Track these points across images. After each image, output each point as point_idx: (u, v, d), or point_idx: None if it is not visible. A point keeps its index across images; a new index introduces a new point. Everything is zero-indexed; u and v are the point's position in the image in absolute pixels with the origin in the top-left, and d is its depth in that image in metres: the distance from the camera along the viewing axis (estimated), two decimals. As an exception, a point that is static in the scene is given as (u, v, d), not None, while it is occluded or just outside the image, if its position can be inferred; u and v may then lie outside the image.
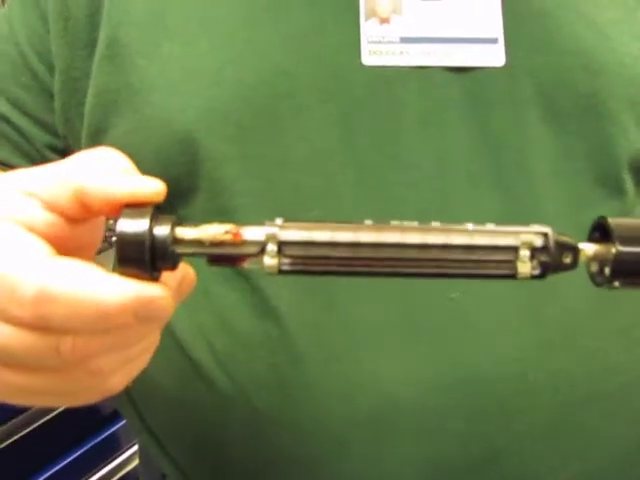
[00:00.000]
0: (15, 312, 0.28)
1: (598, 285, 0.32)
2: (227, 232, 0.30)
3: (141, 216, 0.29)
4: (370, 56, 0.45)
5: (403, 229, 0.30)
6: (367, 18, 0.46)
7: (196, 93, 0.46)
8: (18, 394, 0.32)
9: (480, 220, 0.45)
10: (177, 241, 0.29)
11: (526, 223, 0.45)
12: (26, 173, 0.32)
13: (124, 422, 1.14)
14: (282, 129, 0.45)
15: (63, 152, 0.56)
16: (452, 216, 0.45)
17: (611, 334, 0.48)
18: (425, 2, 0.46)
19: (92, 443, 1.12)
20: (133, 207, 0.29)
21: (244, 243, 0.30)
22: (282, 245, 0.30)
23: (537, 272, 0.30)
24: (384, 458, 0.46)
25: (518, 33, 0.46)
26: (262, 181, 0.46)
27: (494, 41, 0.46)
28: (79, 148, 0.53)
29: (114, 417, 1.15)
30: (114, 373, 0.31)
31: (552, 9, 0.47)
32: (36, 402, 0.33)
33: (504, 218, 0.45)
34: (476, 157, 0.46)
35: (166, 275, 0.30)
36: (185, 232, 0.29)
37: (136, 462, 1.15)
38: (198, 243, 0.30)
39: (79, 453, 1.10)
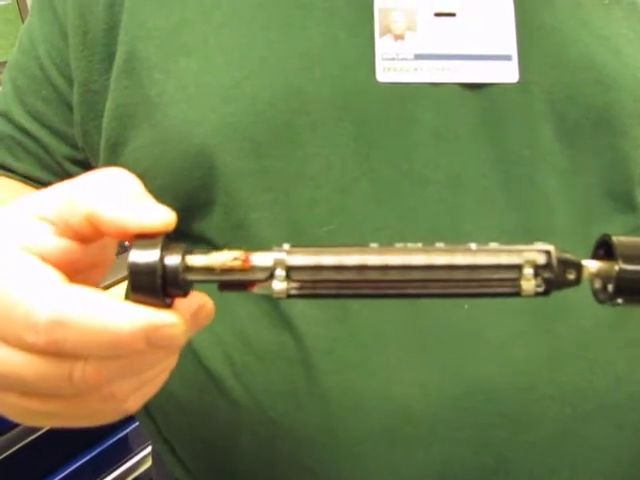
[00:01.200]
0: (29, 338, 0.29)
1: (601, 302, 0.32)
2: (236, 259, 0.30)
3: (152, 246, 0.29)
4: (384, 73, 0.46)
5: (408, 251, 0.30)
6: (382, 35, 0.46)
7: (212, 108, 0.46)
8: (34, 418, 0.33)
9: (493, 234, 0.46)
10: (188, 269, 0.30)
11: (538, 237, 0.46)
12: (38, 197, 0.32)
13: (137, 424, 1.14)
14: (297, 144, 0.46)
15: (83, 164, 0.57)
16: (465, 230, 0.46)
17: (619, 347, 0.48)
18: (439, 19, 0.47)
19: (105, 445, 1.13)
20: (144, 236, 0.30)
21: (253, 269, 0.30)
22: (290, 270, 0.30)
23: (541, 289, 0.31)
24: (396, 468, 0.47)
25: (531, 49, 0.47)
26: (278, 195, 0.46)
27: (508, 58, 0.47)
28: (97, 161, 0.54)
29: (127, 419, 1.15)
30: (128, 397, 0.32)
31: (565, 24, 0.47)
32: (52, 424, 0.34)
33: (516, 232, 0.46)
34: (489, 172, 0.46)
35: (181, 304, 0.31)
36: (195, 260, 0.30)
37: (149, 464, 1.15)
38: (208, 270, 0.30)
39: (92, 455, 1.10)
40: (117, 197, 0.31)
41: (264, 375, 0.48)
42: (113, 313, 0.29)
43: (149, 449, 1.16)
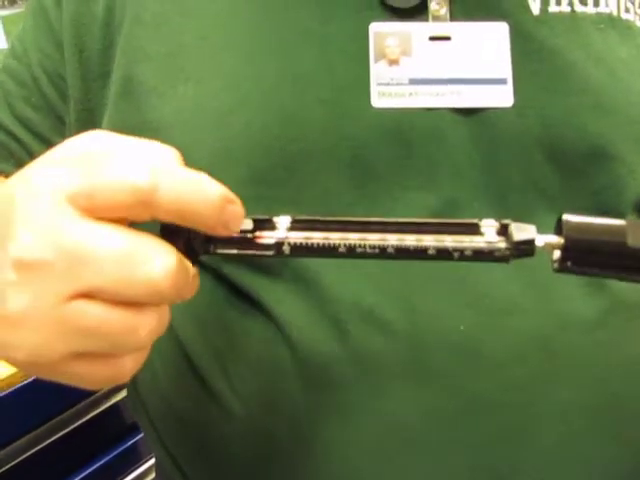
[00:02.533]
0: (131, 179, 0.31)
1: (557, 271, 0.36)
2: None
3: None
4: (379, 98, 0.46)
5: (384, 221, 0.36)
6: (376, 60, 0.47)
7: (208, 133, 0.47)
8: (68, 343, 0.32)
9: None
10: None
11: (530, 261, 0.46)
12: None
13: (142, 435, 1.15)
14: (292, 171, 0.46)
15: None
16: None
17: (617, 364, 0.48)
18: (434, 43, 0.47)
19: (110, 455, 1.13)
20: None
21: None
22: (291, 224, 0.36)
23: (503, 244, 0.35)
24: None
25: (527, 72, 0.47)
26: None
27: (503, 82, 0.47)
28: None
29: (133, 429, 1.16)
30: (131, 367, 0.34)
31: (561, 48, 0.47)
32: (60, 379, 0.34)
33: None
34: (482, 197, 0.46)
35: None
36: None
37: (153, 475, 1.16)
38: None
39: (97, 465, 1.11)
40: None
41: (261, 389, 0.48)
42: (205, 177, 0.32)
43: (154, 460, 1.16)
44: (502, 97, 0.46)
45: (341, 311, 0.46)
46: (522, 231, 0.35)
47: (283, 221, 0.36)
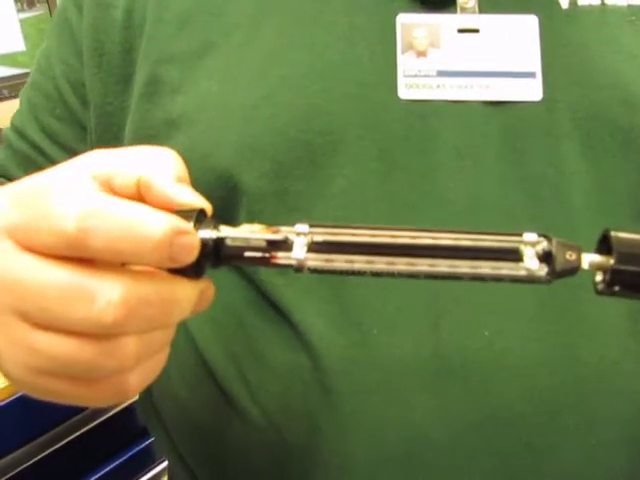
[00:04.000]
0: (59, 223, 0.29)
1: (599, 293, 0.33)
2: (267, 228, 0.33)
3: (187, 219, 0.31)
4: (407, 90, 0.45)
5: (415, 233, 0.32)
6: (404, 51, 0.46)
7: (232, 129, 0.46)
8: (41, 378, 0.32)
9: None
10: (221, 241, 0.32)
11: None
12: (101, 155, 0.34)
13: (153, 439, 1.14)
14: (318, 164, 0.45)
15: None
16: None
17: None
18: (463, 35, 0.46)
19: (121, 460, 1.13)
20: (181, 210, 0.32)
21: (280, 235, 0.32)
22: (311, 243, 0.32)
23: (543, 272, 0.32)
24: None
25: (556, 66, 0.46)
26: (301, 215, 0.46)
27: (532, 75, 0.46)
28: None
29: (143, 434, 1.16)
30: (137, 367, 0.32)
31: (591, 42, 0.47)
32: (58, 390, 0.33)
33: None
34: (511, 192, 0.45)
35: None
36: (228, 231, 0.32)
37: (166, 478, 1.15)
38: (238, 243, 0.32)
39: (108, 469, 1.10)
40: (170, 172, 0.33)
41: (279, 396, 0.47)
42: (145, 211, 0.29)
43: (165, 464, 1.15)
44: (531, 91, 0.46)
45: (364, 316, 0.45)
46: (565, 252, 0.32)
47: (299, 242, 0.32)
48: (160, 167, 0.33)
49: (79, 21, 0.54)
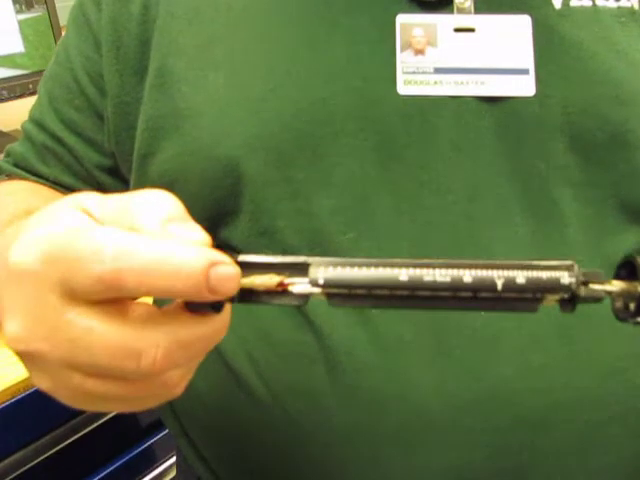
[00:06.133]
0: (95, 269, 0.29)
1: (622, 320, 0.33)
2: (278, 284, 0.32)
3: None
4: (405, 86, 0.47)
5: (434, 269, 0.31)
6: (403, 49, 0.48)
7: (239, 120, 0.48)
8: (91, 401, 0.33)
9: (509, 244, 0.47)
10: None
11: (552, 249, 0.46)
12: (89, 197, 0.33)
13: (161, 435, 1.15)
14: (320, 154, 0.47)
15: (111, 171, 0.60)
16: (482, 241, 0.47)
17: (638, 354, 0.49)
18: (459, 34, 0.48)
19: (129, 456, 1.13)
20: None
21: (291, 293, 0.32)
22: (324, 289, 0.32)
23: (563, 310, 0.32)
24: (412, 470, 0.48)
25: (549, 63, 0.48)
26: (301, 204, 0.48)
27: (525, 72, 0.48)
28: (128, 168, 0.56)
29: (152, 430, 1.16)
30: (180, 383, 0.33)
31: (583, 40, 0.48)
32: (104, 408, 0.34)
33: (531, 244, 0.47)
34: (505, 183, 0.47)
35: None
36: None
37: (172, 474, 1.16)
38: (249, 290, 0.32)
39: (115, 466, 1.11)
40: (157, 217, 0.31)
41: (286, 374, 0.49)
42: (179, 247, 0.29)
43: (172, 460, 1.16)
44: (524, 86, 0.48)
45: None
46: (588, 280, 0.31)
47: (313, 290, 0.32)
48: (147, 214, 0.31)
49: (98, 16, 0.56)
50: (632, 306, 0.32)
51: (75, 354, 0.30)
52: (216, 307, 0.31)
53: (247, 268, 0.32)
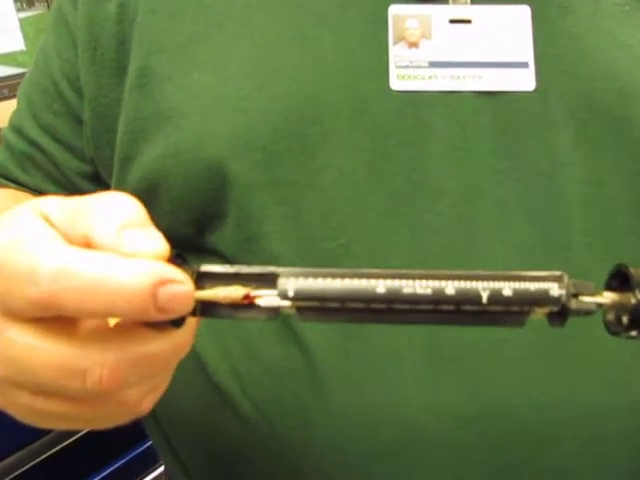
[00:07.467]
0: (31, 292, 0.27)
1: (614, 334, 0.31)
2: (244, 297, 0.30)
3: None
4: (398, 81, 0.45)
5: (414, 279, 0.29)
6: (395, 42, 0.46)
7: (224, 120, 0.46)
8: (45, 419, 0.32)
9: (509, 250, 0.44)
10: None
11: (555, 253, 0.44)
12: (49, 202, 0.32)
13: (149, 444, 1.14)
14: (310, 155, 0.45)
15: (91, 178, 0.57)
16: (480, 246, 0.45)
17: None
18: (454, 25, 0.46)
19: (117, 465, 1.13)
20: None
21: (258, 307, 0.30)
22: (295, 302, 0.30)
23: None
24: None
25: (549, 56, 0.46)
26: (289, 208, 0.46)
27: (525, 65, 0.45)
28: (109, 174, 0.54)
29: (140, 439, 1.16)
30: (141, 400, 0.32)
31: (585, 32, 0.46)
32: (62, 426, 0.33)
33: (534, 249, 0.45)
34: (505, 183, 0.45)
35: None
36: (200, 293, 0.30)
37: (165, 482, 1.15)
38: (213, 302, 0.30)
39: (104, 475, 1.10)
40: (114, 222, 0.29)
41: (272, 390, 0.47)
42: (120, 263, 0.27)
43: (161, 469, 1.16)
44: (524, 81, 0.45)
45: None
46: (578, 291, 0.29)
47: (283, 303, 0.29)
48: (103, 219, 0.29)
49: (74, 15, 0.53)
50: (625, 319, 0.30)
51: (18, 373, 0.29)
52: (176, 322, 0.29)
53: (211, 279, 0.30)
